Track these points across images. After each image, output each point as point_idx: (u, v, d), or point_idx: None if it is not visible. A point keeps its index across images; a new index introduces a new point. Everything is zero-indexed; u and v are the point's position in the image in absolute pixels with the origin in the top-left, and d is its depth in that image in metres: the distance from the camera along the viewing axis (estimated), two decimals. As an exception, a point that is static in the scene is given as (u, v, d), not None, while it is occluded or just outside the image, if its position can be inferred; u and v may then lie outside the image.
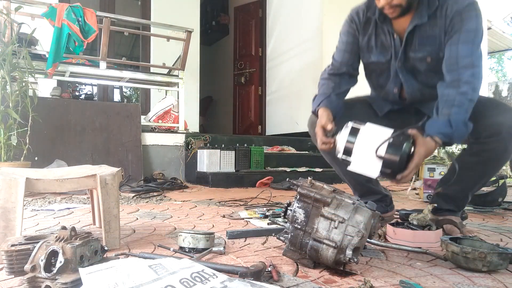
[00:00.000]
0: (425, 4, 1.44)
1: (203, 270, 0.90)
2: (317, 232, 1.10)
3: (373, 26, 1.58)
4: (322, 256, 1.09)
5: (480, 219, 2.13)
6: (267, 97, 6.36)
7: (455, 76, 1.37)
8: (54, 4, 3.55)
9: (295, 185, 1.18)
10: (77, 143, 3.70)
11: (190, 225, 1.89)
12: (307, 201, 1.14)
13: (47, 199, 2.73)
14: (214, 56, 7.75)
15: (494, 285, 1.03)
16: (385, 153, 1.16)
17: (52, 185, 1.30)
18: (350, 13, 1.65)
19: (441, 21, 1.43)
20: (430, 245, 1.41)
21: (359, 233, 1.06)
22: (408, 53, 1.52)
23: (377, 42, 1.58)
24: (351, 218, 1.09)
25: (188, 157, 4.28)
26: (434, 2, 1.43)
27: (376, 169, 1.16)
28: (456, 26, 1.40)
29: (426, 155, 1.25)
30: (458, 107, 1.32)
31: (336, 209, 1.11)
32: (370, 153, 1.18)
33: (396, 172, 1.18)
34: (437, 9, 1.43)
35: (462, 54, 1.38)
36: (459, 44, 1.39)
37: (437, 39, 1.45)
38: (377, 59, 1.60)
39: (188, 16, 5.49)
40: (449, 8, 1.41)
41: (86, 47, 3.80)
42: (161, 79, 4.62)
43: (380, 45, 1.58)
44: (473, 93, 1.34)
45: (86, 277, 0.81)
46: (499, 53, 13.28)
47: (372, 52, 1.60)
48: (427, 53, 1.48)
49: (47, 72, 3.54)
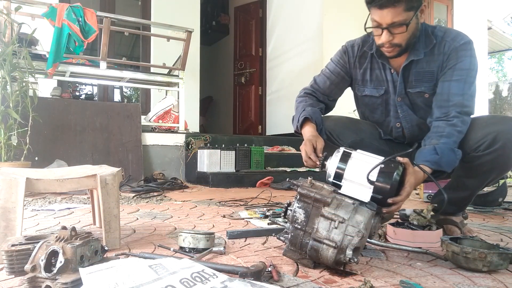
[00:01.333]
0: (422, 42, 1.46)
1: (203, 270, 0.90)
2: (317, 232, 1.10)
3: (368, 60, 1.58)
4: (322, 256, 1.09)
5: (481, 219, 2.13)
6: (267, 97, 6.36)
7: (444, 111, 1.40)
8: (54, 4, 3.55)
9: (295, 185, 1.18)
10: (77, 143, 3.70)
11: (190, 225, 1.89)
12: (307, 201, 1.14)
13: (48, 199, 2.73)
14: (214, 56, 7.75)
15: (494, 285, 1.02)
16: (376, 179, 1.16)
17: (52, 185, 1.30)
18: (345, 44, 1.66)
19: (439, 57, 1.45)
20: (430, 245, 1.41)
21: (359, 233, 1.06)
22: (406, 89, 1.53)
23: (372, 76, 1.59)
24: (351, 218, 1.08)
25: (188, 157, 4.28)
26: (431, 40, 1.46)
27: (367, 194, 1.17)
28: (450, 62, 1.42)
29: (416, 184, 1.25)
30: (447, 137, 1.34)
31: (336, 209, 1.11)
32: (361, 178, 1.18)
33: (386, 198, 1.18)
34: (435, 46, 1.45)
35: (453, 92, 1.40)
36: (452, 81, 1.41)
37: (434, 75, 1.46)
38: (370, 93, 1.60)
39: (188, 16, 5.49)
40: (447, 45, 1.44)
41: (86, 47, 3.80)
42: (161, 79, 4.62)
43: (375, 79, 1.58)
44: (463, 125, 1.37)
45: (86, 277, 0.82)
46: (499, 53, 13.29)
47: (366, 86, 1.61)
48: (425, 89, 1.48)
49: (47, 72, 3.54)
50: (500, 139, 1.32)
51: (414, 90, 1.50)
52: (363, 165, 1.19)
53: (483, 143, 1.34)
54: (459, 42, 1.43)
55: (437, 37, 1.46)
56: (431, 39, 1.46)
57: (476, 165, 1.39)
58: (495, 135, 1.32)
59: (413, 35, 1.41)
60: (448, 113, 1.39)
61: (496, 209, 2.42)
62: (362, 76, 1.61)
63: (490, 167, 1.38)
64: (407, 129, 1.58)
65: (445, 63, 1.44)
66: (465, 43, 1.43)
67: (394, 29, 1.36)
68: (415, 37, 1.43)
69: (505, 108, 8.67)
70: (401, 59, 1.49)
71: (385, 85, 1.56)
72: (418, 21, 1.40)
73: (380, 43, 1.42)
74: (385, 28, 1.36)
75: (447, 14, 6.61)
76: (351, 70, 1.64)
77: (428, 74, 1.47)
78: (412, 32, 1.40)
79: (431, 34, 1.46)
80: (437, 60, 1.45)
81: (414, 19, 1.35)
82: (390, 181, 1.16)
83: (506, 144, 1.31)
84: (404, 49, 1.43)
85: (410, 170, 1.22)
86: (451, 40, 1.44)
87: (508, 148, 1.32)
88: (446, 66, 1.44)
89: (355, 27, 5.25)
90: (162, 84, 4.74)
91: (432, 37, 1.46)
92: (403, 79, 1.52)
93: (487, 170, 1.40)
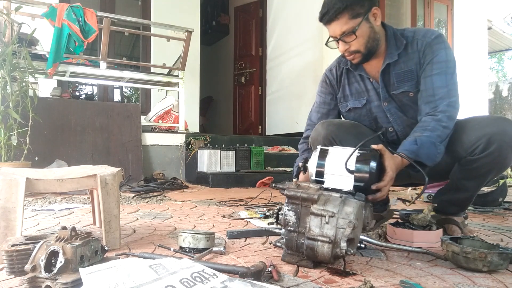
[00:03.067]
0: (393, 45, 1.49)
1: (204, 270, 0.90)
2: (310, 230, 1.11)
3: (345, 76, 1.64)
4: (319, 253, 1.10)
5: (481, 219, 2.13)
6: (267, 97, 6.36)
7: (432, 106, 1.42)
8: (54, 4, 3.55)
9: (281, 189, 1.19)
10: (78, 143, 3.70)
11: (191, 225, 1.89)
12: (296, 202, 1.16)
13: (48, 199, 2.73)
14: (215, 56, 7.75)
15: (494, 285, 1.02)
16: (355, 168, 1.20)
17: (52, 185, 1.30)
18: (324, 72, 1.71)
19: (414, 55, 1.48)
20: (430, 245, 1.42)
21: (350, 224, 1.07)
22: (390, 92, 1.54)
23: (351, 90, 1.63)
24: (340, 211, 1.10)
25: (189, 157, 4.28)
26: (401, 41, 1.49)
27: (350, 183, 1.20)
28: (427, 57, 1.45)
29: (397, 168, 1.27)
30: (431, 131, 1.36)
31: (324, 204, 1.12)
32: (340, 170, 1.22)
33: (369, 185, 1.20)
34: (407, 45, 1.49)
35: (437, 85, 1.42)
36: (433, 76, 1.43)
37: (414, 72, 1.48)
38: (353, 105, 1.63)
39: (188, 16, 5.49)
40: (419, 43, 1.47)
41: (86, 47, 3.80)
42: (161, 79, 4.62)
43: (355, 92, 1.62)
44: (448, 120, 1.38)
45: (86, 277, 0.82)
46: (499, 53, 13.29)
47: (348, 100, 1.65)
48: (408, 88, 1.50)
49: (48, 72, 3.54)
50: (494, 141, 1.32)
51: (398, 91, 1.52)
52: (341, 157, 1.23)
53: (478, 146, 1.35)
54: (430, 37, 1.46)
55: (407, 38, 1.49)
56: (401, 40, 1.49)
57: (474, 168, 1.40)
58: (489, 138, 1.33)
59: (370, 39, 1.45)
60: (437, 107, 1.40)
61: (496, 209, 2.42)
62: (343, 93, 1.66)
63: (488, 169, 1.39)
64: (400, 131, 1.59)
65: (422, 59, 1.46)
66: (436, 37, 1.46)
67: (345, 38, 1.43)
68: (375, 41, 1.46)
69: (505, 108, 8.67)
70: (377, 66, 1.53)
71: (365, 95, 1.60)
72: (372, 25, 1.44)
73: (341, 52, 1.49)
74: (338, 39, 1.44)
75: (447, 14, 6.61)
76: (337, 93, 1.69)
77: (408, 73, 1.49)
78: (368, 36, 1.44)
79: (400, 36, 1.50)
80: (414, 58, 1.48)
81: (364, 24, 1.41)
82: (367, 167, 1.19)
83: (501, 145, 1.32)
84: (366, 54, 1.47)
85: (387, 155, 1.25)
86: (422, 37, 1.47)
87: (504, 149, 1.33)
88: (424, 63, 1.46)
89: (355, 27, 5.30)
90: (162, 84, 4.74)
91: (402, 38, 1.49)
92: (384, 84, 1.54)
93: (485, 172, 1.40)
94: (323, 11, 1.43)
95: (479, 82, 7.04)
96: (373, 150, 1.23)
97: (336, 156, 1.25)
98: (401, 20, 6.09)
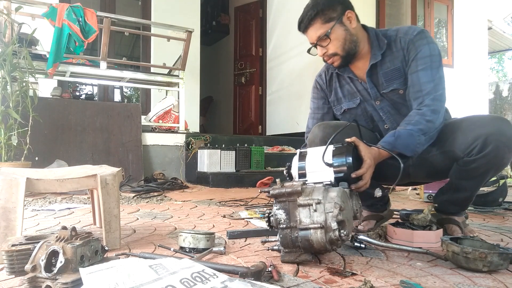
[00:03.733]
0: (376, 46, 1.53)
1: (204, 270, 0.90)
2: (301, 222, 1.15)
3: (335, 79, 1.68)
4: (314, 241, 1.12)
5: (481, 219, 2.13)
6: (267, 97, 6.36)
7: (420, 101, 1.44)
8: (55, 4, 3.55)
9: (266, 191, 1.23)
10: (78, 143, 3.70)
11: (191, 225, 1.89)
12: (282, 199, 1.19)
13: (48, 199, 2.73)
14: (215, 56, 7.75)
15: (494, 285, 1.02)
16: (332, 160, 1.27)
17: (52, 185, 1.30)
18: (315, 79, 1.76)
19: (399, 53, 1.51)
20: (430, 245, 1.41)
21: (337, 205, 1.11)
22: (380, 91, 1.57)
23: (343, 92, 1.66)
24: (325, 197, 1.15)
25: (189, 157, 4.28)
26: (383, 41, 1.52)
27: (331, 175, 1.26)
28: (411, 54, 1.48)
29: (375, 158, 1.33)
30: (413, 125, 1.39)
31: (310, 194, 1.16)
32: (320, 166, 1.28)
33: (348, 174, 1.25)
34: (391, 44, 1.52)
35: (423, 81, 1.44)
36: (418, 71, 1.45)
37: (401, 70, 1.51)
38: (348, 106, 1.66)
39: (189, 16, 5.49)
40: (402, 40, 1.50)
41: (87, 47, 3.80)
42: (162, 79, 4.62)
43: (347, 94, 1.66)
44: (432, 114, 1.40)
45: (86, 277, 0.82)
46: (500, 53, 13.29)
47: (342, 103, 1.68)
48: (397, 85, 1.52)
49: (48, 72, 3.54)
50: (491, 142, 1.32)
51: (388, 89, 1.54)
52: (318, 155, 1.30)
53: (475, 147, 1.35)
54: (412, 34, 1.48)
55: (390, 37, 1.53)
56: (383, 40, 1.53)
57: (471, 168, 1.40)
58: (485, 138, 1.33)
59: (347, 41, 1.49)
60: (422, 102, 1.43)
61: (496, 209, 2.41)
62: (335, 96, 1.69)
63: (485, 169, 1.39)
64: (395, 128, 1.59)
65: (406, 56, 1.49)
66: (419, 33, 1.48)
67: (321, 42, 1.49)
68: (352, 42, 1.50)
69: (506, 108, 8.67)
70: (364, 67, 1.57)
71: (358, 95, 1.62)
72: (347, 28, 1.49)
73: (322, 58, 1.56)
74: (316, 45, 1.51)
75: (447, 14, 6.60)
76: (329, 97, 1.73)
77: (396, 71, 1.51)
78: (344, 39, 1.49)
79: (382, 36, 1.54)
80: (399, 56, 1.50)
81: (338, 27, 1.47)
82: (343, 157, 1.26)
83: (498, 146, 1.32)
84: (345, 56, 1.51)
85: (361, 146, 1.32)
86: (404, 34, 1.50)
87: (501, 149, 1.33)
88: (409, 59, 1.48)
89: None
90: (162, 84, 4.74)
91: (384, 38, 1.53)
92: (373, 84, 1.57)
93: (483, 172, 1.40)
94: (299, 20, 1.50)
95: (480, 82, 7.03)
96: (346, 143, 1.30)
97: (314, 155, 1.32)
98: (401, 20, 6.09)
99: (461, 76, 6.58)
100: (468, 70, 6.74)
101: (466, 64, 6.72)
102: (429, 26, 6.31)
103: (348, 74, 1.61)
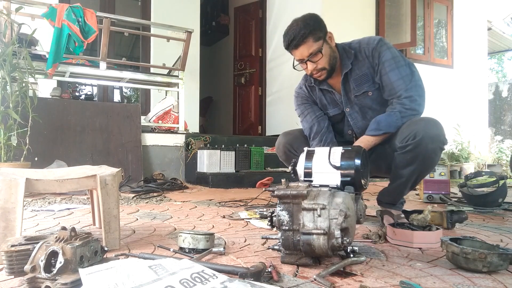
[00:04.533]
0: (345, 57, 1.75)
1: (203, 270, 0.90)
2: (304, 226, 1.13)
3: (317, 90, 1.88)
4: (315, 247, 1.11)
5: (481, 220, 2.13)
6: (267, 97, 6.35)
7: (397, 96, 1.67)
8: (54, 5, 3.55)
9: (272, 191, 1.22)
10: (77, 143, 3.70)
11: (190, 225, 1.89)
12: (287, 200, 1.18)
13: (47, 199, 2.73)
14: (214, 56, 7.75)
15: (494, 286, 1.02)
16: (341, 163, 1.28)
17: (52, 186, 1.30)
18: (295, 91, 1.96)
19: (364, 61, 1.73)
20: (430, 246, 1.41)
21: (342, 212, 1.10)
22: (352, 97, 1.78)
23: (327, 99, 1.87)
24: (330, 203, 1.13)
25: (188, 158, 4.28)
26: (349, 51, 1.75)
27: (337, 178, 1.27)
28: (376, 60, 1.71)
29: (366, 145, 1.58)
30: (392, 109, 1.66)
31: (315, 199, 1.15)
32: (327, 167, 1.30)
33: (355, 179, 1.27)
34: (356, 55, 1.74)
35: (394, 80, 1.67)
36: (388, 73, 1.68)
37: (369, 75, 1.74)
38: (334, 113, 1.87)
39: (188, 16, 5.49)
40: (366, 50, 1.73)
41: (86, 47, 3.80)
42: (161, 80, 4.62)
43: (330, 101, 1.87)
44: (410, 103, 1.65)
45: (86, 277, 0.81)
46: (499, 53, 13.29)
47: (327, 109, 1.89)
48: (367, 88, 1.75)
49: (47, 72, 3.54)
50: (419, 134, 1.57)
51: (359, 92, 1.76)
52: (326, 156, 1.30)
53: (409, 139, 1.59)
54: (373, 43, 1.72)
55: (355, 48, 1.75)
56: (350, 51, 1.74)
57: (404, 153, 1.62)
58: (416, 132, 1.57)
59: (331, 57, 1.70)
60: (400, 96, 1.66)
61: (496, 210, 2.41)
62: (320, 103, 1.90)
63: (414, 155, 1.60)
64: (358, 134, 1.83)
65: (372, 63, 1.72)
66: (378, 42, 1.71)
67: (313, 58, 1.66)
68: (334, 58, 1.72)
69: (505, 109, 8.66)
70: (338, 79, 1.78)
71: (339, 104, 1.84)
72: (330, 46, 1.70)
73: (309, 73, 1.73)
74: (307, 60, 1.68)
75: (447, 14, 6.61)
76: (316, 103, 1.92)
77: (364, 77, 1.74)
78: (329, 55, 1.69)
79: (348, 48, 1.76)
80: (365, 64, 1.73)
81: (325, 45, 1.67)
82: (352, 162, 1.27)
83: (423, 136, 1.56)
84: (330, 70, 1.72)
85: None
86: (366, 44, 1.73)
87: (425, 139, 1.56)
88: (376, 65, 1.71)
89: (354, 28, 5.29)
90: (162, 85, 4.74)
91: (350, 50, 1.75)
92: (345, 92, 1.79)
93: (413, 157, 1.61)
94: (290, 38, 1.67)
95: (479, 83, 7.03)
96: (357, 147, 1.35)
97: (322, 155, 1.32)
98: (401, 20, 6.09)
99: (460, 77, 6.58)
100: (467, 71, 6.74)
101: (466, 64, 6.72)
102: (428, 26, 6.31)
103: (328, 87, 1.82)
